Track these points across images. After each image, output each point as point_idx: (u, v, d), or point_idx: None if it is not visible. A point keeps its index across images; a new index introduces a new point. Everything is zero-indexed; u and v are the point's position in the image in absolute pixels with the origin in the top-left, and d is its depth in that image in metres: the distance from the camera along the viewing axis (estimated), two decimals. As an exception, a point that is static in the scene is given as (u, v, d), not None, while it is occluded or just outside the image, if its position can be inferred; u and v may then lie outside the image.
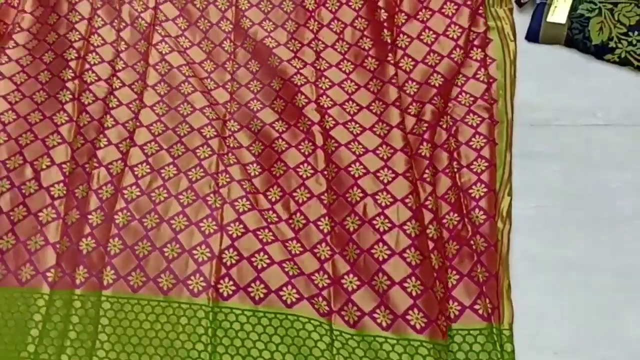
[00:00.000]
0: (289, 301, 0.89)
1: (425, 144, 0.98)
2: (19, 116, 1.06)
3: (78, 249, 0.93)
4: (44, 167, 1.01)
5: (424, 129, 0.99)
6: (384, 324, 0.86)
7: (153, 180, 0.99)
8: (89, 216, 0.96)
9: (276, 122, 1.04)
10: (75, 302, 0.90)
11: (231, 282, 0.91)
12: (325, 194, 0.96)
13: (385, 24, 1.08)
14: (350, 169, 0.97)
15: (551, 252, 0.93)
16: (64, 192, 1.00)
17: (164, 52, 1.11)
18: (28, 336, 0.89)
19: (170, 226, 0.95)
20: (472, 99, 1.03)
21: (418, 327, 0.84)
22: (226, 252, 0.93)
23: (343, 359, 0.85)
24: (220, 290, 0.90)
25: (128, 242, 0.94)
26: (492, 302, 0.87)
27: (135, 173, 1.00)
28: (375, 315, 0.86)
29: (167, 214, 0.96)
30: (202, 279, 0.91)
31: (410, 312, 0.85)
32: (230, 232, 0.94)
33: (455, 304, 0.87)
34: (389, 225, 0.91)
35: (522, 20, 1.12)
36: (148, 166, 1.01)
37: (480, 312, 0.86)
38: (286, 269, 0.91)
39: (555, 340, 0.87)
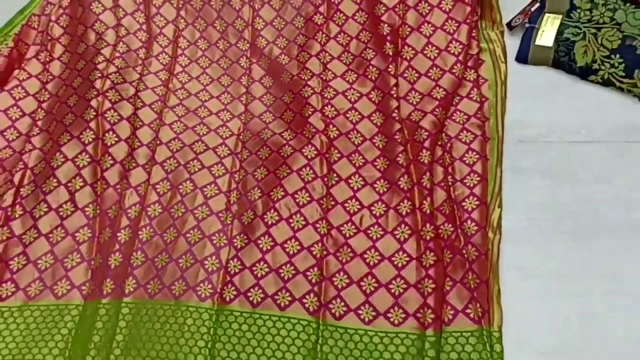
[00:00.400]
0: (282, 304, 0.96)
1: (424, 151, 1.05)
2: (53, 142, 1.11)
3: (107, 264, 1.00)
4: (77, 188, 1.07)
5: (424, 137, 1.06)
6: (366, 320, 0.93)
7: (172, 197, 1.06)
8: (118, 234, 1.02)
9: (285, 132, 1.12)
10: (100, 310, 0.96)
11: (233, 288, 0.98)
12: (324, 199, 1.03)
13: (388, 38, 1.16)
14: (350, 180, 1.05)
15: (539, 261, 0.98)
16: (97, 211, 1.06)
17: (183, 82, 1.19)
18: (60, 342, 0.95)
19: (186, 239, 1.02)
20: (465, 117, 1.10)
21: (396, 322, 0.92)
22: (231, 261, 1.00)
23: (325, 354, 0.91)
24: (224, 296, 0.97)
25: (149, 255, 1.01)
26: (482, 306, 0.93)
27: (158, 190, 1.07)
28: (360, 312, 0.94)
29: (184, 228, 1.03)
30: (210, 286, 0.98)
31: (392, 310, 0.93)
32: (235, 244, 1.01)
33: (449, 308, 0.93)
34: (382, 232, 0.99)
35: (513, 43, 1.19)
36: (168, 183, 1.08)
37: (472, 315, 0.92)
38: (282, 274, 0.98)
39: (541, 342, 0.92)
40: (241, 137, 1.13)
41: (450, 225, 0.99)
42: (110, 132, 1.11)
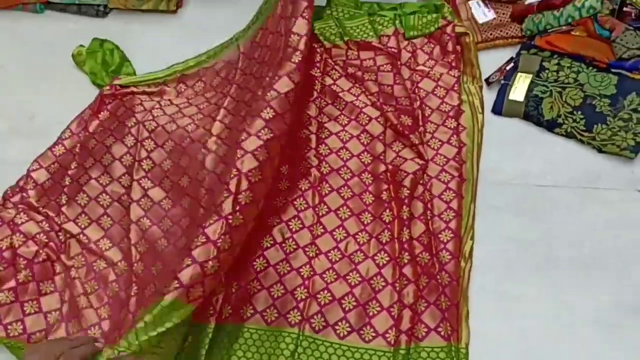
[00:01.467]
0: (269, 320, 1.07)
1: (403, 189, 1.17)
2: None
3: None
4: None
5: (403, 176, 1.19)
6: (342, 334, 1.05)
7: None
8: None
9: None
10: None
11: (229, 307, 1.09)
12: (314, 227, 1.15)
13: (380, 99, 1.29)
14: (339, 211, 1.17)
15: (503, 288, 1.10)
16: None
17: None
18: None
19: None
20: (445, 159, 1.22)
21: (367, 339, 1.04)
22: (231, 283, 1.10)
23: None
24: (222, 315, 1.08)
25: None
26: (452, 325, 1.04)
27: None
28: (336, 327, 1.06)
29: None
30: (212, 308, 1.08)
31: (364, 328, 1.05)
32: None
33: (423, 326, 1.05)
34: (363, 257, 1.12)
35: (490, 97, 1.32)
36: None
37: (442, 333, 1.03)
38: (272, 293, 1.09)
39: (502, 358, 1.04)
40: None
41: (427, 254, 1.12)
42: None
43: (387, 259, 1.11)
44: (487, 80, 1.34)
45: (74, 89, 1.37)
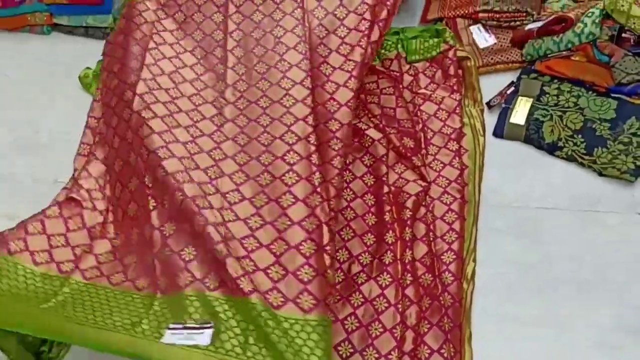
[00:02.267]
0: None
1: (405, 210, 1.18)
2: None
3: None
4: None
5: (406, 198, 1.20)
6: (344, 356, 1.04)
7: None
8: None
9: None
10: None
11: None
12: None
13: (383, 122, 1.30)
14: (341, 233, 1.18)
15: (505, 309, 1.10)
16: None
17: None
18: None
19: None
20: (447, 181, 1.24)
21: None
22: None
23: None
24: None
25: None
26: (455, 347, 1.04)
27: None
28: (339, 348, 1.05)
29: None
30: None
31: (367, 349, 1.03)
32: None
33: (426, 347, 1.05)
34: (366, 277, 1.12)
35: (491, 120, 1.34)
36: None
37: (445, 355, 1.03)
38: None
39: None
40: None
41: (430, 275, 1.12)
42: None
43: (390, 280, 1.11)
44: (488, 103, 1.37)
45: (78, 105, 1.37)
